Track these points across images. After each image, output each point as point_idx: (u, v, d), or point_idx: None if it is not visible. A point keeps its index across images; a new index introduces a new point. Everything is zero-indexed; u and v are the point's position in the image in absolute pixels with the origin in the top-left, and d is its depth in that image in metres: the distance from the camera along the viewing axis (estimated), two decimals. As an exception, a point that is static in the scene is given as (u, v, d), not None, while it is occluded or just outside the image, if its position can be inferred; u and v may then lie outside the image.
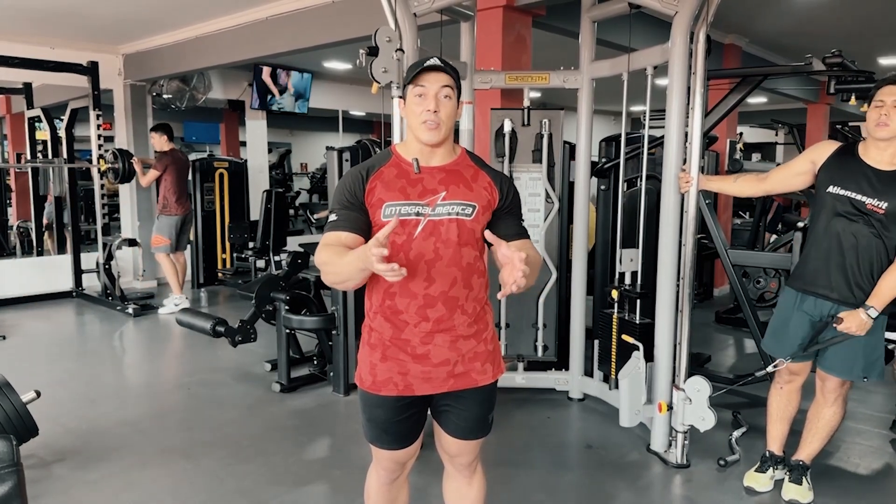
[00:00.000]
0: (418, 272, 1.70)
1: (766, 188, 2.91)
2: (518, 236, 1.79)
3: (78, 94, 7.00)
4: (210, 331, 3.94)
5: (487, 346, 1.82)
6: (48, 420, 3.36)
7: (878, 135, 2.45)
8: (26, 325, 5.83)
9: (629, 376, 3.14)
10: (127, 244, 6.72)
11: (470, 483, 2.01)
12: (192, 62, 6.72)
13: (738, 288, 3.80)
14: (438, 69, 1.69)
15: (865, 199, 2.45)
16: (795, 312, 2.66)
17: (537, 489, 2.90)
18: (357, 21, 4.90)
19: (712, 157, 6.21)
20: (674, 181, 3.02)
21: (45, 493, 2.82)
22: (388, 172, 1.74)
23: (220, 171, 7.84)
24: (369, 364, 1.79)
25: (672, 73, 2.97)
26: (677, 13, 2.90)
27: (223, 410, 3.83)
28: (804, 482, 2.78)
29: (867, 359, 2.56)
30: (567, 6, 4.20)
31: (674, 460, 3.10)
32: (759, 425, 3.11)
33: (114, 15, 5.93)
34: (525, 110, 3.71)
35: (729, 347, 5.30)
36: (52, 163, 7.85)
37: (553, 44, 4.90)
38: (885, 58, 7.77)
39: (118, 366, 4.95)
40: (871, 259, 2.47)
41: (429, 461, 2.44)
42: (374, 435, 1.87)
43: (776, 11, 5.83)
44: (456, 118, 1.74)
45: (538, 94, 9.91)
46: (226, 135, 10.72)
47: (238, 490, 2.88)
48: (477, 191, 1.75)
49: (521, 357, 3.93)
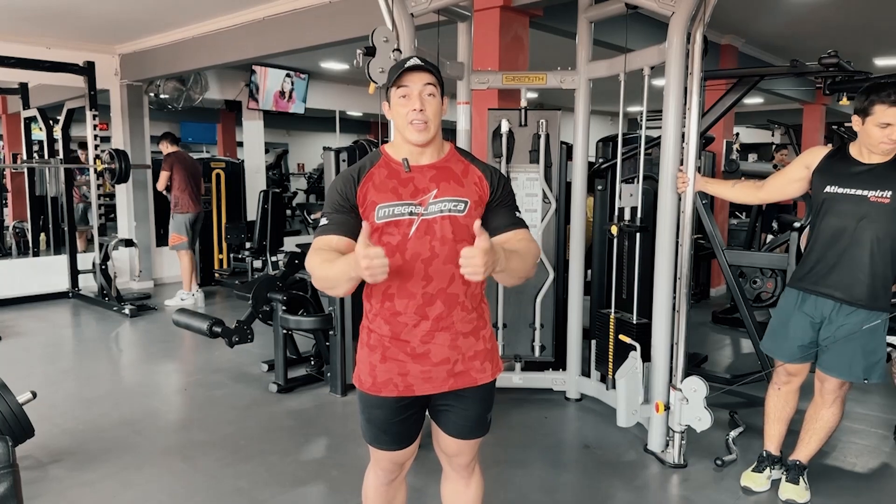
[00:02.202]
0: (415, 271, 1.70)
1: (763, 196, 2.93)
2: (513, 226, 1.78)
3: (74, 95, 6.98)
4: (207, 331, 3.93)
5: (486, 344, 1.83)
6: (44, 421, 3.35)
7: (881, 150, 2.45)
8: (22, 326, 5.81)
9: (626, 376, 3.15)
10: (123, 245, 6.71)
11: (468, 484, 2.01)
12: (188, 62, 6.71)
13: (734, 288, 3.81)
14: (420, 69, 1.68)
15: (867, 192, 2.46)
16: (796, 313, 2.66)
17: (534, 489, 2.90)
18: (354, 21, 4.90)
19: (709, 157, 6.23)
20: (671, 181, 3.03)
21: (41, 494, 2.82)
22: (379, 174, 1.74)
23: (217, 171, 7.84)
24: (369, 365, 1.79)
25: (669, 74, 2.97)
26: (674, 14, 2.90)
27: (220, 411, 3.82)
28: (801, 482, 2.79)
29: (868, 360, 2.55)
30: (564, 7, 4.21)
31: (671, 460, 3.10)
32: (756, 425, 3.12)
33: (110, 15, 5.91)
34: (522, 111, 3.71)
35: (725, 347, 5.31)
36: (49, 163, 7.83)
37: (550, 44, 4.91)
38: (881, 58, 7.79)
39: (114, 366, 4.93)
40: (872, 256, 2.48)
41: (427, 461, 2.43)
42: (372, 435, 1.87)
43: (772, 12, 5.84)
44: (442, 115, 1.74)
45: (535, 95, 9.92)
46: (222, 135, 10.70)
47: (235, 490, 2.88)
48: (468, 186, 1.75)
49: (519, 357, 3.93)
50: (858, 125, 2.48)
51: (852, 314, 2.53)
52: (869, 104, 2.42)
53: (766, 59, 7.40)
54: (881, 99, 2.38)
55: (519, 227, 1.80)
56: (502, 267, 1.58)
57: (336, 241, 1.69)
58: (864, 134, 2.46)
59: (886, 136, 2.40)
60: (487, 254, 1.48)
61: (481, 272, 1.49)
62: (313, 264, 1.66)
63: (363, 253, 1.45)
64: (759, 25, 6.31)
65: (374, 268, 1.46)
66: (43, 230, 9.02)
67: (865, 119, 2.44)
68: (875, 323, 2.51)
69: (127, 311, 6.08)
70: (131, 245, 6.83)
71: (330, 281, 1.62)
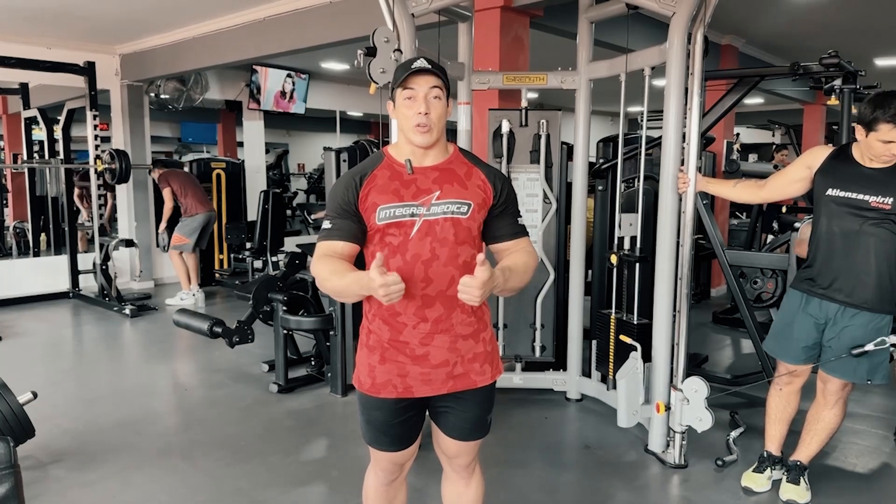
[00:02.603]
0: (416, 273, 1.70)
1: (764, 196, 2.93)
2: (514, 236, 1.79)
3: (75, 95, 6.98)
4: (207, 331, 3.93)
5: (486, 346, 1.82)
6: (45, 421, 3.35)
7: (882, 161, 2.46)
8: (23, 326, 5.81)
9: (627, 377, 3.15)
10: (124, 245, 6.72)
11: (468, 484, 2.01)
12: (189, 62, 6.71)
13: (735, 288, 3.80)
14: (427, 71, 1.67)
15: (869, 197, 2.46)
16: (800, 314, 2.66)
17: (535, 489, 2.90)
18: (355, 21, 4.90)
19: (709, 157, 6.23)
20: (671, 182, 3.03)
21: (42, 494, 2.82)
22: (381, 175, 1.73)
23: (218, 171, 7.84)
24: (368, 366, 1.79)
25: (669, 74, 2.97)
26: (675, 14, 2.90)
27: (220, 411, 3.82)
28: (802, 482, 2.78)
29: (871, 361, 2.55)
30: (564, 7, 4.21)
31: (671, 460, 3.10)
32: (757, 425, 3.12)
33: (111, 15, 5.91)
34: (523, 111, 3.71)
35: (726, 348, 5.31)
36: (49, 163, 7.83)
37: (550, 44, 4.91)
38: (882, 59, 7.79)
39: (115, 366, 4.93)
40: (877, 259, 2.47)
41: (427, 462, 2.43)
42: (372, 436, 1.87)
43: (773, 12, 5.84)
44: (447, 117, 1.73)
45: (536, 95, 9.92)
46: (223, 135, 10.70)
47: (235, 490, 2.88)
48: (471, 189, 1.75)
49: (519, 357, 3.93)
50: (861, 135, 2.46)
51: (857, 316, 2.53)
52: (873, 121, 2.39)
53: (766, 60, 7.40)
54: (886, 118, 2.35)
55: (520, 235, 1.81)
56: (501, 288, 1.65)
57: (341, 247, 1.71)
58: (867, 145, 2.46)
59: (888, 151, 2.41)
60: (485, 285, 1.54)
61: (477, 301, 1.56)
62: (322, 274, 1.68)
63: (381, 281, 1.51)
64: (759, 26, 6.31)
65: (391, 294, 1.53)
66: (43, 230, 9.03)
67: (869, 132, 2.42)
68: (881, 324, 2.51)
69: (127, 312, 6.08)
70: (132, 245, 6.83)
71: (339, 293, 1.70)
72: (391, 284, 1.52)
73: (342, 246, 1.70)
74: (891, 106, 2.35)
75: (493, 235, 1.79)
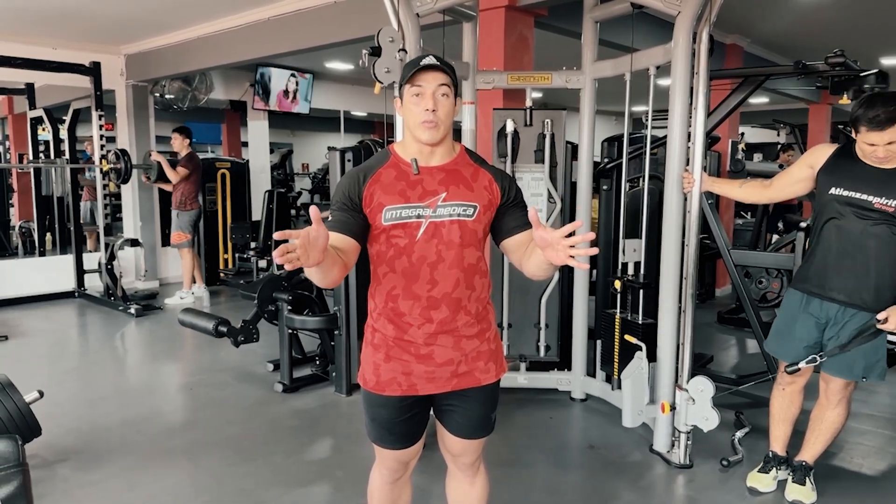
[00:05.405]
0: (421, 274, 1.70)
1: (770, 195, 2.93)
2: (527, 226, 1.77)
3: (80, 95, 7.01)
4: (212, 331, 3.94)
5: (490, 345, 1.82)
6: (50, 420, 3.36)
7: (873, 162, 2.46)
8: (29, 325, 5.84)
9: (632, 376, 3.14)
10: (129, 244, 6.73)
11: (472, 483, 2.01)
12: (193, 63, 6.73)
13: (740, 288, 3.80)
14: (435, 68, 1.66)
15: (872, 198, 2.45)
16: (801, 314, 2.65)
17: (539, 489, 2.90)
18: (359, 21, 4.90)
19: (714, 157, 6.22)
20: (676, 181, 3.02)
21: (48, 493, 2.83)
22: (387, 174, 1.73)
23: (222, 171, 7.85)
24: (373, 364, 1.79)
25: (675, 74, 2.96)
26: (680, 13, 2.89)
27: (225, 411, 3.83)
28: (807, 483, 2.78)
29: (868, 360, 2.55)
30: (569, 6, 4.20)
31: (677, 460, 3.09)
32: (762, 425, 3.11)
33: (116, 15, 5.93)
34: (527, 110, 3.71)
35: (731, 348, 5.30)
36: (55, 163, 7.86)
37: (555, 44, 4.90)
38: (888, 58, 7.76)
39: (120, 366, 4.95)
40: (877, 259, 2.46)
41: (431, 461, 2.43)
42: (377, 435, 1.87)
43: (778, 11, 5.82)
44: (454, 116, 1.73)
45: (540, 95, 9.90)
46: (227, 135, 10.73)
47: (240, 490, 2.88)
48: (478, 190, 1.74)
49: (524, 357, 3.93)
50: (854, 134, 2.48)
51: (857, 315, 2.52)
52: (855, 121, 2.42)
53: (771, 59, 7.38)
54: (865, 122, 2.37)
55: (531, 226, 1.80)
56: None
57: (334, 237, 1.66)
58: (857, 146, 2.48)
59: (873, 154, 2.42)
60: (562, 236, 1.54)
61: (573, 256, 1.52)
62: None
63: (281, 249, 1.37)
64: (764, 25, 6.29)
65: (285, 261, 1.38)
66: (49, 230, 9.07)
67: (857, 134, 2.45)
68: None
69: (132, 311, 6.09)
70: (137, 245, 6.85)
71: (311, 275, 1.57)
72: (288, 251, 1.37)
73: (336, 237, 1.66)
74: (872, 109, 2.36)
75: (505, 230, 1.77)
